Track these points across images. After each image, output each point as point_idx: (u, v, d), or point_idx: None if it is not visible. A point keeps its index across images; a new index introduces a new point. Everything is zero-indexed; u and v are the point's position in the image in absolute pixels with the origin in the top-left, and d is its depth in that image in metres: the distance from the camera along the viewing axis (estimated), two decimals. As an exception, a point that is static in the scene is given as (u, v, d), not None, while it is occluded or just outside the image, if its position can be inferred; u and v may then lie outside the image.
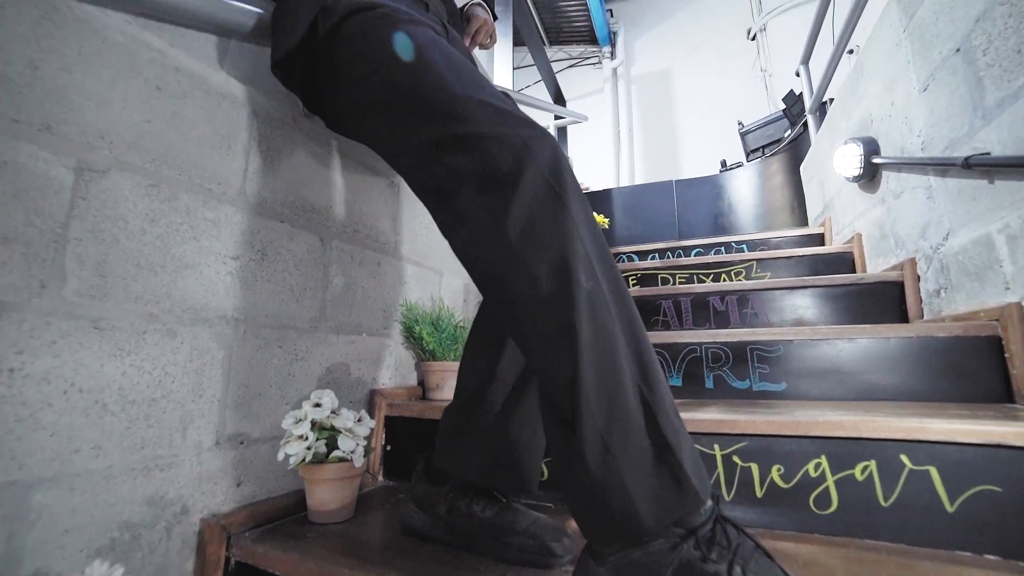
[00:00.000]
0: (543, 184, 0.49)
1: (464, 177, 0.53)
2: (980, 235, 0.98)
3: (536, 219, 0.48)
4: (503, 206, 0.49)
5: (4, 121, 0.52)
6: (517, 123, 0.53)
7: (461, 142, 0.53)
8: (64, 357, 0.54)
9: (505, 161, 0.50)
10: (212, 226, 0.72)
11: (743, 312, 1.45)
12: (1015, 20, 0.85)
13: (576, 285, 0.46)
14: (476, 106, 0.55)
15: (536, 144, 0.51)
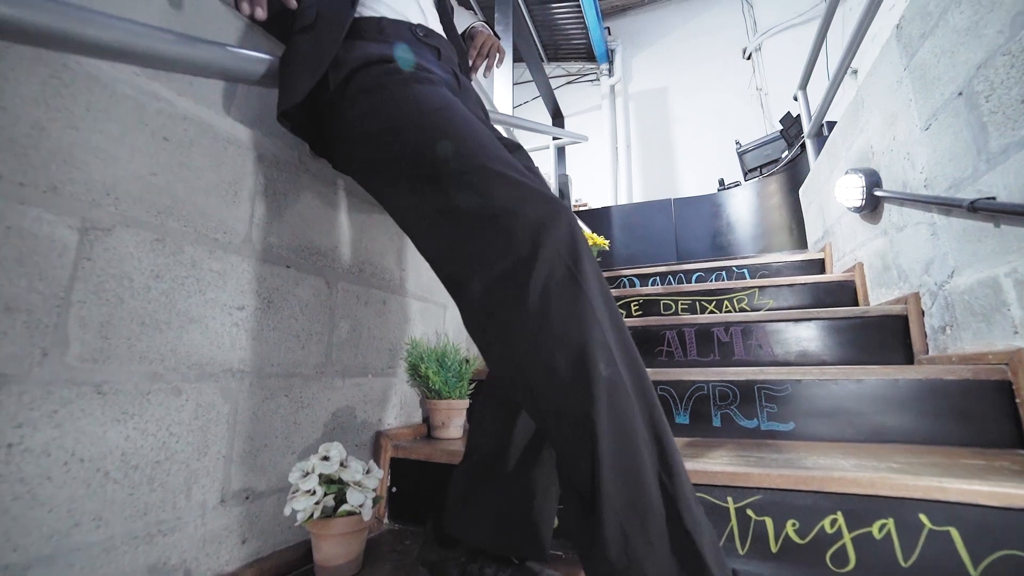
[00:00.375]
0: (561, 267, 0.48)
1: (477, 255, 0.52)
2: (986, 277, 0.98)
3: (553, 305, 0.47)
4: (519, 291, 0.48)
5: (10, 185, 0.50)
6: (533, 198, 0.52)
7: (476, 216, 0.53)
8: (65, 427, 0.52)
9: (521, 242, 0.49)
10: (218, 277, 0.71)
11: (747, 343, 1.44)
12: (1017, 71, 0.85)
13: (595, 374, 0.45)
14: (492, 177, 0.54)
15: (553, 223, 0.50)
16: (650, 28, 5.50)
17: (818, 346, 1.38)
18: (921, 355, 1.24)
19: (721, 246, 3.18)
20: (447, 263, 0.58)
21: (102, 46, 0.52)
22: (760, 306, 1.73)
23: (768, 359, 1.42)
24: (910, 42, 1.21)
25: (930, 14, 1.11)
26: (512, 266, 0.50)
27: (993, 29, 0.90)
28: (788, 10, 4.67)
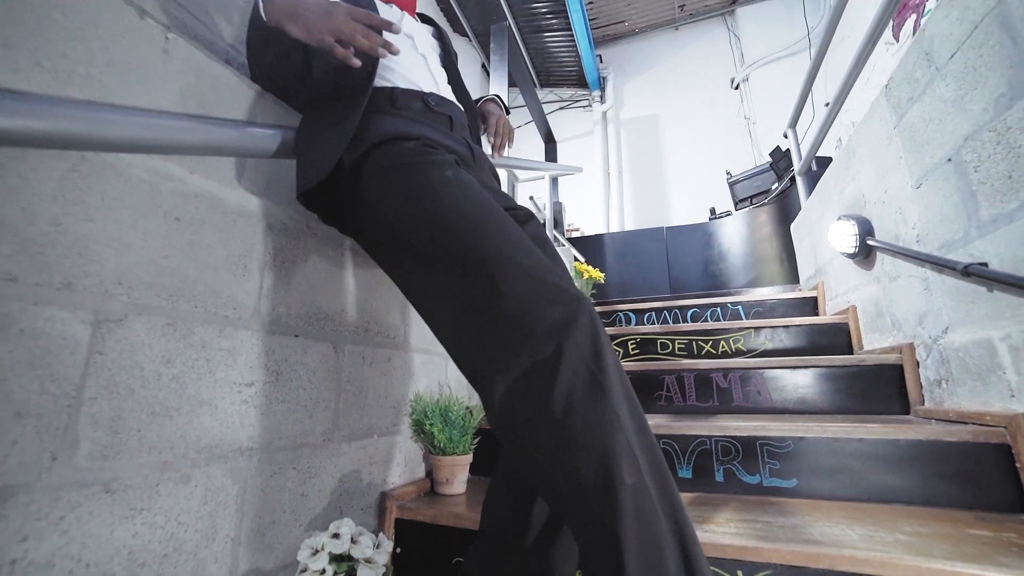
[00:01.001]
0: (584, 369, 0.49)
1: (498, 353, 0.52)
2: (981, 338, 1.01)
3: (577, 412, 0.48)
4: (542, 396, 0.48)
5: (26, 287, 0.50)
6: (554, 295, 0.53)
7: (495, 313, 0.53)
8: (72, 533, 0.51)
9: (544, 343, 0.50)
10: (228, 355, 0.70)
11: (746, 390, 1.46)
12: (1003, 148, 0.89)
13: (620, 484, 0.45)
14: (511, 269, 0.54)
15: (574, 322, 0.51)
16: (640, 56, 5.64)
17: (816, 393, 1.40)
18: (917, 406, 1.26)
19: (713, 275, 3.22)
20: (466, 355, 0.58)
21: (120, 143, 0.52)
22: (756, 346, 1.75)
23: (767, 406, 1.43)
24: (899, 103, 1.25)
25: (917, 81, 1.15)
26: (534, 368, 0.50)
27: (978, 106, 0.94)
28: (773, 43, 4.83)
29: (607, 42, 5.81)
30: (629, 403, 0.51)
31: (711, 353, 1.79)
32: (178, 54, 0.69)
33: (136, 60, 0.63)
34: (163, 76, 0.67)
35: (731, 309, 2.06)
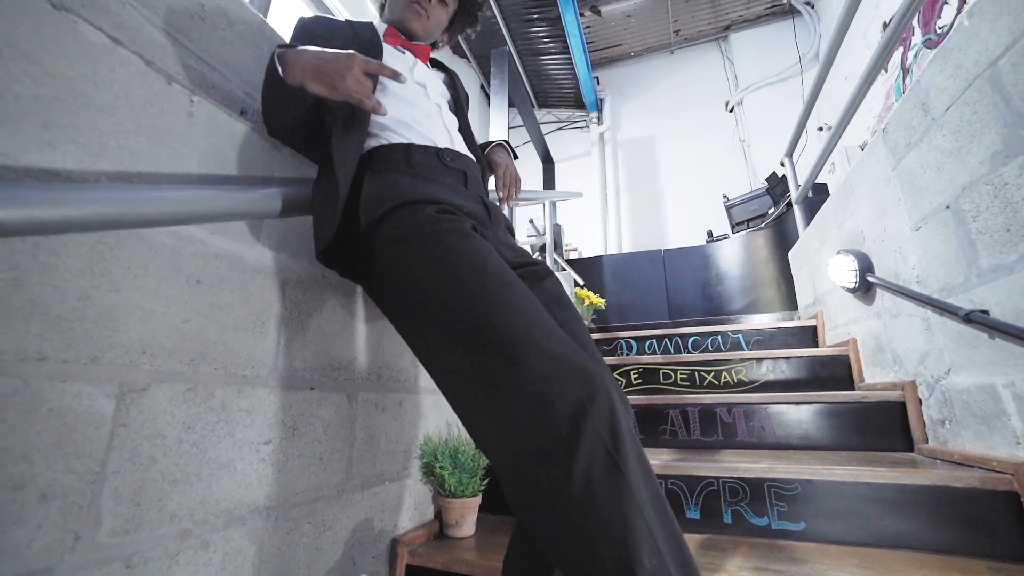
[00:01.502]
0: (602, 451, 0.49)
1: (515, 429, 0.52)
2: (984, 383, 1.02)
3: (596, 495, 0.48)
4: (560, 476, 0.48)
5: (54, 365, 0.50)
6: (572, 373, 0.53)
7: (512, 388, 0.53)
8: (93, 614, 0.50)
9: (561, 423, 0.50)
10: (246, 415, 0.70)
11: (750, 425, 1.46)
12: (1000, 202, 0.92)
13: (640, 569, 0.45)
14: (530, 348, 0.54)
15: (592, 402, 0.51)
16: (637, 79, 5.74)
17: (819, 429, 1.41)
18: (921, 444, 1.27)
19: (711, 298, 3.25)
20: (479, 427, 0.58)
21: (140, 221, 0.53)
22: (758, 377, 1.76)
23: (771, 441, 1.44)
24: (896, 148, 1.29)
25: (914, 128, 1.19)
26: (551, 447, 0.50)
27: (975, 159, 0.97)
28: (766, 68, 4.94)
29: (604, 64, 5.91)
30: (647, 482, 0.51)
31: (713, 384, 1.80)
32: (201, 115, 0.71)
33: (163, 126, 0.65)
34: (187, 138, 0.68)
35: (732, 338, 2.08)
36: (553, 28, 4.88)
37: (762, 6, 5.16)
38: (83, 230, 0.47)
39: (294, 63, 0.70)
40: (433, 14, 1.00)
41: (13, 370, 0.47)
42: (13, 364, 0.47)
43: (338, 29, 0.94)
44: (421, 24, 0.99)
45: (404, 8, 0.98)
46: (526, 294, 0.62)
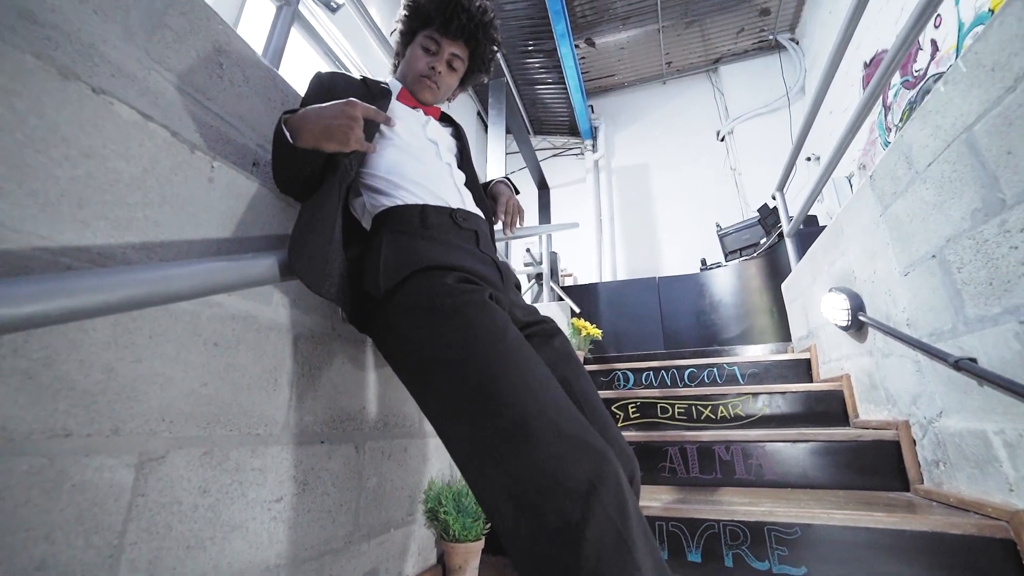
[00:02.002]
0: (611, 531, 0.50)
1: (527, 503, 0.54)
2: (976, 428, 1.05)
3: (604, 567, 0.49)
4: (571, 554, 0.50)
5: (78, 440, 0.51)
6: (583, 453, 0.55)
7: (525, 464, 0.55)
8: None
9: (574, 501, 0.51)
10: (259, 474, 0.71)
11: (748, 463, 1.48)
12: (982, 257, 0.96)
13: None
14: (545, 429, 0.56)
15: (602, 482, 0.53)
16: (630, 108, 5.89)
17: (816, 467, 1.43)
18: (916, 484, 1.29)
19: (706, 326, 3.28)
20: (490, 499, 0.59)
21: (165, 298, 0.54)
22: (755, 412, 1.78)
23: (770, 479, 1.45)
24: (883, 195, 1.34)
25: (899, 179, 1.24)
26: (564, 525, 0.52)
27: (957, 214, 1.02)
28: (755, 100, 5.10)
29: (598, 93, 6.07)
30: (649, 548, 0.53)
31: (711, 418, 1.81)
32: (221, 180, 0.73)
33: (186, 194, 0.67)
34: (207, 203, 0.70)
35: (728, 371, 2.10)
36: (549, 59, 5.02)
37: (749, 41, 5.36)
38: (112, 312, 0.49)
39: (302, 128, 0.73)
40: (443, 83, 1.04)
41: (41, 449, 0.48)
42: (41, 442, 0.48)
43: (354, 88, 0.98)
44: (432, 95, 1.03)
45: (415, 80, 1.02)
46: (541, 369, 0.64)
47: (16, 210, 0.49)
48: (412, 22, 1.03)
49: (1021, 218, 0.85)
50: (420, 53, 1.02)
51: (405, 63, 1.06)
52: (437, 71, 1.02)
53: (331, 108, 0.72)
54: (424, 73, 1.01)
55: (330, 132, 0.71)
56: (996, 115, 0.89)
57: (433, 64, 1.01)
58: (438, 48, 1.01)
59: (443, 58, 1.02)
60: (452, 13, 0.98)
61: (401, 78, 1.07)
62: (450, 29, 0.99)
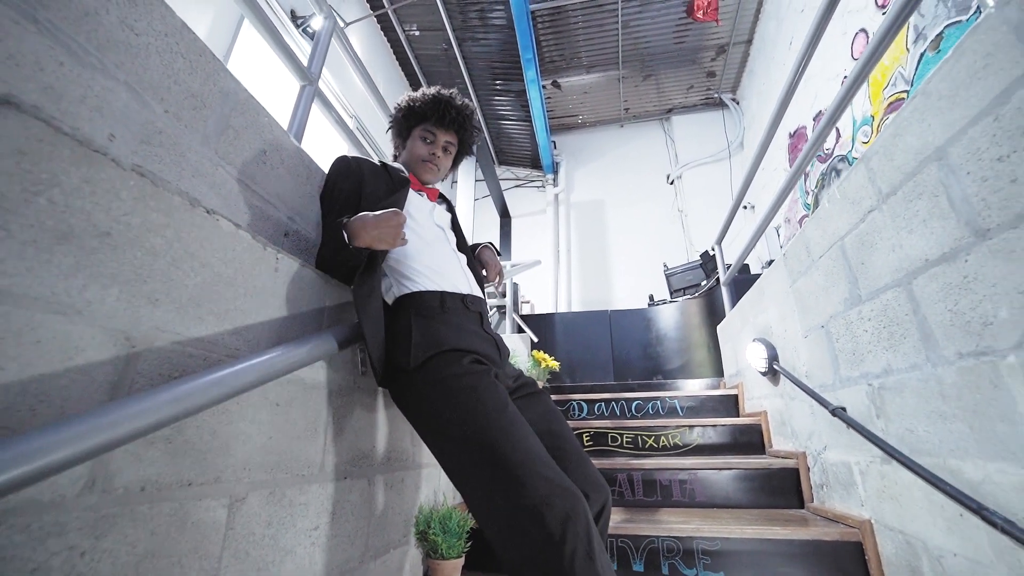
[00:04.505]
0: (582, 548, 0.73)
1: (519, 530, 0.76)
2: (844, 460, 1.38)
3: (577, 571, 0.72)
4: (554, 562, 0.72)
5: (196, 487, 0.68)
6: (560, 494, 0.77)
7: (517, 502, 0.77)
8: None
9: (554, 529, 0.74)
10: (303, 508, 0.88)
11: (683, 488, 1.76)
12: (849, 333, 1.29)
13: None
14: (532, 473, 0.79)
15: (575, 515, 0.75)
16: (590, 147, 6.33)
17: (737, 490, 1.73)
18: (809, 503, 1.61)
19: (652, 357, 3.63)
20: (494, 525, 0.80)
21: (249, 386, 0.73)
22: (691, 441, 2.09)
23: (700, 500, 1.74)
24: (792, 271, 1.69)
25: (802, 262, 1.59)
26: (547, 545, 0.74)
27: (836, 298, 1.36)
28: (702, 150, 5.66)
29: (561, 131, 6.47)
30: (605, 562, 0.76)
31: (653, 447, 2.10)
32: (283, 269, 0.91)
33: (261, 284, 0.85)
34: (274, 290, 0.88)
35: (669, 403, 2.41)
36: (517, 99, 5.35)
37: (698, 96, 5.94)
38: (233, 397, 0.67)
39: (359, 233, 0.94)
40: (442, 165, 1.27)
41: (174, 496, 0.65)
42: (174, 490, 0.65)
43: (378, 175, 1.18)
44: (433, 176, 1.26)
45: (418, 165, 1.24)
46: (528, 431, 0.87)
47: (164, 315, 0.66)
48: (410, 119, 1.26)
49: (870, 310, 1.18)
50: (420, 143, 1.24)
51: (407, 152, 1.28)
52: (437, 156, 1.24)
53: (382, 217, 0.93)
54: (426, 158, 1.24)
55: (382, 237, 0.92)
56: (857, 233, 1.23)
57: (433, 151, 1.24)
58: (434, 138, 1.24)
59: (440, 145, 1.25)
60: (444, 110, 1.22)
61: (405, 164, 1.29)
62: (444, 122, 1.23)
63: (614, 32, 5.03)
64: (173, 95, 0.84)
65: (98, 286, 0.56)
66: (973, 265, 0.84)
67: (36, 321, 0.49)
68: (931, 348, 0.97)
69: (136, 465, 0.59)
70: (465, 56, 5.04)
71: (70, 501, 0.51)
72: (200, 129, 0.91)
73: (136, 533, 0.58)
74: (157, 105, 0.80)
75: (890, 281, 1.10)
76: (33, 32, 0.59)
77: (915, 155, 0.97)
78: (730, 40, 5.16)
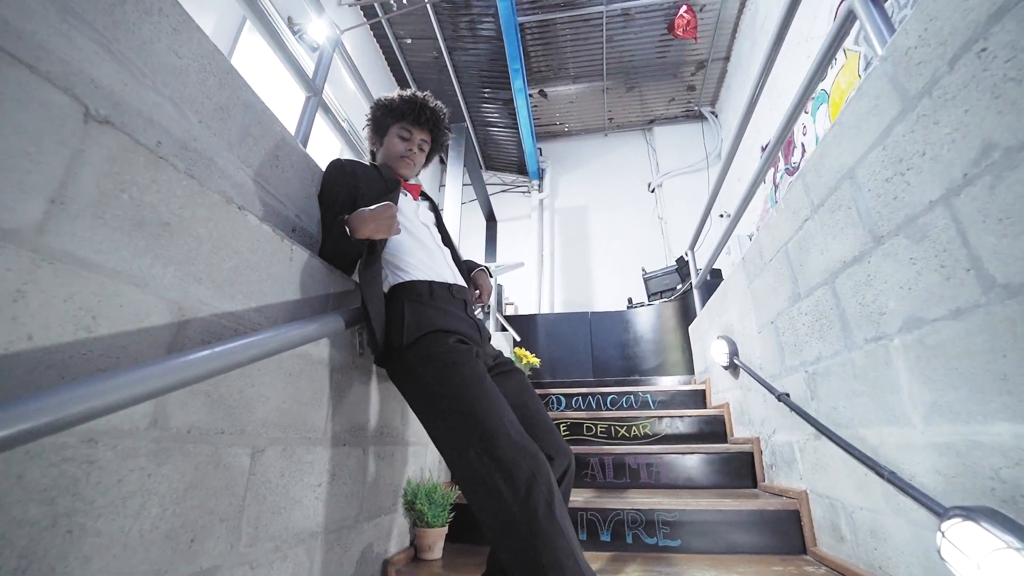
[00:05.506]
0: (544, 503, 0.88)
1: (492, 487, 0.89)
2: (788, 440, 1.56)
3: (538, 525, 0.85)
4: (517, 516, 0.87)
5: (228, 435, 0.81)
6: (526, 456, 0.91)
7: (490, 461, 0.91)
8: (237, 596, 0.80)
9: (520, 486, 0.88)
10: (309, 466, 1.02)
11: (650, 471, 1.93)
12: (791, 327, 1.47)
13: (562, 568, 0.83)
14: (504, 437, 0.93)
15: (538, 474, 0.89)
16: (575, 154, 6.53)
17: (699, 473, 1.90)
18: (761, 482, 1.79)
19: (629, 357, 3.81)
20: (469, 484, 0.95)
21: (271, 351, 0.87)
22: (660, 431, 2.26)
23: (665, 482, 1.91)
24: (749, 274, 1.87)
25: (756, 265, 1.77)
26: (514, 499, 0.88)
27: (783, 296, 1.54)
28: (682, 160, 5.90)
29: (547, 138, 6.66)
30: (565, 518, 0.90)
31: (625, 436, 2.26)
32: (296, 258, 1.05)
33: (277, 270, 0.99)
34: (288, 276, 1.02)
35: (641, 397, 2.59)
36: (504, 107, 5.52)
37: (679, 109, 6.20)
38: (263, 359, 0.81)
39: (360, 226, 1.08)
40: (417, 161, 1.42)
41: (211, 440, 0.78)
42: (210, 436, 0.78)
43: (370, 172, 1.32)
44: (411, 170, 1.41)
45: (396, 160, 1.39)
46: (502, 401, 1.01)
47: (206, 291, 0.80)
48: (388, 118, 1.41)
49: (807, 306, 1.37)
50: (397, 140, 1.40)
51: (384, 149, 1.43)
52: (413, 152, 1.39)
53: (377, 210, 1.08)
54: (403, 154, 1.39)
55: (379, 228, 1.06)
56: (797, 239, 1.41)
57: (410, 148, 1.39)
58: (411, 135, 1.40)
59: (415, 142, 1.40)
60: (420, 110, 1.38)
61: (383, 161, 1.43)
62: (420, 121, 1.39)
63: (599, 45, 5.25)
64: (205, 108, 0.98)
65: (160, 265, 0.70)
66: (873, 265, 1.02)
67: (121, 290, 0.63)
68: (848, 336, 1.15)
69: (184, 411, 0.73)
70: (455, 64, 5.21)
71: (140, 432, 0.65)
72: (226, 136, 1.05)
73: (185, 465, 0.72)
74: (193, 116, 0.94)
75: (820, 280, 1.28)
76: (108, 60, 0.73)
77: (835, 173, 1.15)
78: (709, 57, 5.42)
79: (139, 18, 0.80)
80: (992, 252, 0.70)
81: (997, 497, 0.73)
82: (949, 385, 0.82)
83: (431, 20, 4.66)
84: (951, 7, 0.76)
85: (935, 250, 0.82)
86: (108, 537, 0.60)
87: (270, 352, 0.83)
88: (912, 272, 0.89)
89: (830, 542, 1.31)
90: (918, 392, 0.90)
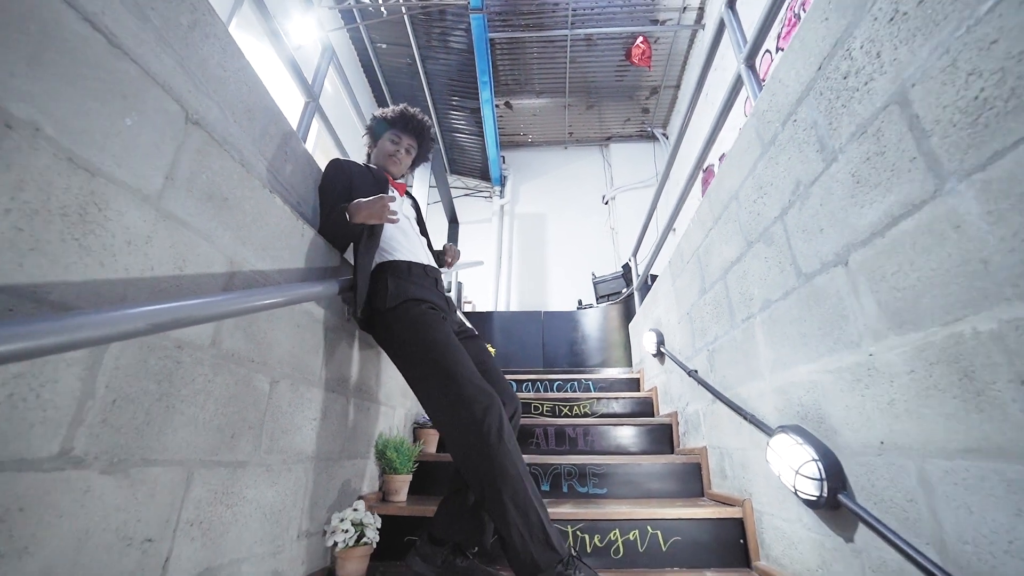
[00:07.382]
0: (495, 429, 1.16)
1: (456, 418, 1.17)
2: (696, 409, 1.93)
3: (491, 447, 1.13)
4: (475, 439, 1.15)
5: (256, 365, 1.05)
6: (482, 395, 1.20)
7: (455, 399, 1.19)
8: (260, 487, 1.03)
9: (476, 417, 1.16)
10: (309, 402, 1.25)
11: (587, 439, 2.26)
12: (698, 316, 1.85)
13: (509, 478, 1.12)
14: (465, 383, 1.21)
15: (491, 409, 1.18)
16: (536, 163, 6.91)
17: (629, 442, 2.25)
18: (677, 447, 2.16)
19: (576, 353, 4.17)
20: (438, 416, 1.22)
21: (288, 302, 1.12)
22: (599, 410, 2.60)
23: (599, 449, 2.24)
24: (673, 273, 2.25)
25: (678, 266, 2.15)
26: (472, 426, 1.16)
27: (692, 294, 1.92)
28: (634, 176, 6.40)
29: (510, 147, 7.01)
30: (515, 447, 1.19)
31: (568, 414, 2.59)
32: (307, 235, 1.29)
33: (293, 244, 1.23)
34: (300, 248, 1.26)
35: (584, 383, 2.93)
36: (472, 115, 5.81)
37: (633, 129, 6.72)
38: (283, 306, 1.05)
39: (357, 212, 1.33)
40: (403, 161, 1.69)
41: (245, 365, 1.02)
42: (245, 362, 1.02)
43: (364, 175, 1.58)
44: (398, 169, 1.68)
45: (386, 160, 1.66)
46: (465, 357, 1.29)
47: (248, 252, 1.03)
48: (382, 126, 1.69)
49: (710, 297, 1.74)
50: (388, 143, 1.67)
51: (377, 151, 1.70)
52: (400, 153, 1.67)
53: (372, 200, 1.34)
54: (392, 154, 1.66)
55: (372, 214, 1.32)
56: (704, 244, 1.78)
57: (398, 149, 1.66)
58: (399, 140, 1.67)
59: (403, 146, 1.67)
60: (408, 120, 1.66)
61: (375, 160, 1.70)
62: (408, 129, 1.67)
63: (563, 65, 5.66)
64: (238, 111, 1.21)
65: (222, 228, 0.94)
66: (747, 263, 1.39)
67: (199, 244, 0.87)
68: (733, 318, 1.52)
69: (231, 339, 0.97)
70: (427, 72, 5.45)
71: (204, 348, 0.89)
72: (251, 134, 1.28)
73: (229, 380, 0.95)
74: (230, 117, 1.17)
75: (718, 276, 1.65)
76: (182, 74, 0.96)
77: (727, 194, 1.53)
78: (662, 84, 5.96)
79: (201, 41, 1.04)
80: (801, 252, 1.07)
81: (799, 416, 1.09)
82: (781, 345, 1.18)
83: (407, 28, 4.90)
84: (780, 88, 1.14)
85: (776, 251, 1.19)
86: (187, 417, 0.83)
87: (287, 302, 1.08)
88: (766, 267, 1.26)
89: (719, 482, 1.68)
90: (767, 353, 1.26)
